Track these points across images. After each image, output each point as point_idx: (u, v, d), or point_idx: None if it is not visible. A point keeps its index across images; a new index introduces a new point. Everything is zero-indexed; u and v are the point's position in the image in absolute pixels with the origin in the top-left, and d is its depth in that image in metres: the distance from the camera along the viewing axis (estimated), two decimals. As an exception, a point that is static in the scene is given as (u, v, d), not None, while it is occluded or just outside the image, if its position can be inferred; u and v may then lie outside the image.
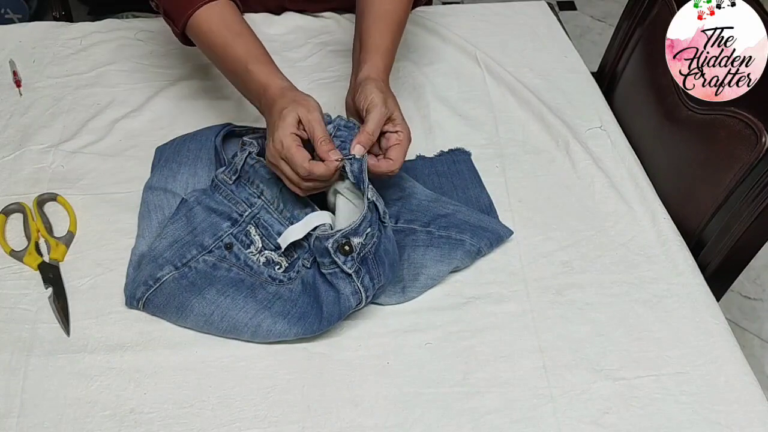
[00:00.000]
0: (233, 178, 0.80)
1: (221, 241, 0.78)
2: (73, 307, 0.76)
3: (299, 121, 0.73)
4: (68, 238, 0.82)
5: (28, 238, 0.82)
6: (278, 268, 0.78)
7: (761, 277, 1.61)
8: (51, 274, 0.78)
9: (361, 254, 0.71)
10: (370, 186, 0.72)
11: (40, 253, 0.80)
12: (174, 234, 0.78)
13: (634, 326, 0.76)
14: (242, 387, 0.70)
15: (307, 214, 0.77)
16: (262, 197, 0.80)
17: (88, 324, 0.74)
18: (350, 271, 0.71)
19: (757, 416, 0.69)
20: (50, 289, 0.77)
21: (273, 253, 0.78)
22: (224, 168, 0.81)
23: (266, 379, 0.71)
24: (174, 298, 0.74)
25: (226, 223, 0.79)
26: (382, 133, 0.76)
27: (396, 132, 0.76)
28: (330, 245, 0.70)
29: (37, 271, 0.79)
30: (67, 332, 0.74)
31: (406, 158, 0.91)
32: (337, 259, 0.71)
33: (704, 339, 0.75)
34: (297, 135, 0.72)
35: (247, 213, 0.79)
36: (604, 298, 0.79)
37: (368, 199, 0.71)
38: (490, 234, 0.82)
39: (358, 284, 0.71)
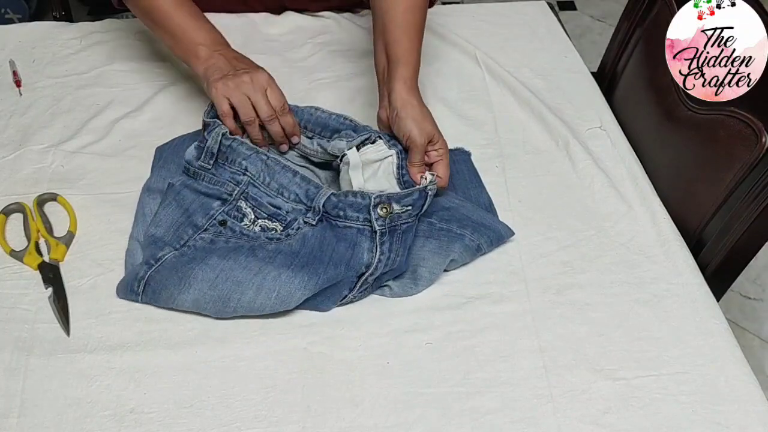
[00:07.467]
0: (211, 162, 0.80)
1: (214, 219, 0.79)
2: (73, 307, 0.76)
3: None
4: (68, 238, 0.82)
5: (28, 238, 0.82)
6: (274, 233, 0.79)
7: (761, 277, 1.61)
8: (51, 274, 0.78)
9: (393, 223, 0.74)
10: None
11: (40, 253, 0.80)
12: (167, 219, 0.79)
13: (634, 326, 0.76)
14: (242, 387, 0.70)
15: (296, 183, 0.79)
16: (247, 173, 0.80)
17: (88, 324, 0.74)
18: (378, 228, 0.74)
19: (757, 416, 0.69)
20: (50, 289, 0.77)
21: (266, 220, 0.79)
22: (198, 155, 0.81)
23: (266, 379, 0.71)
24: (176, 271, 0.74)
25: (217, 203, 0.80)
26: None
27: (436, 150, 0.81)
28: (373, 199, 0.74)
29: (37, 271, 0.79)
30: (67, 332, 0.74)
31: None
32: (372, 213, 0.73)
33: (704, 339, 0.75)
34: None
35: (235, 191, 0.80)
36: (604, 298, 0.79)
37: (428, 187, 0.76)
38: (492, 232, 0.81)
39: (378, 243, 0.74)
